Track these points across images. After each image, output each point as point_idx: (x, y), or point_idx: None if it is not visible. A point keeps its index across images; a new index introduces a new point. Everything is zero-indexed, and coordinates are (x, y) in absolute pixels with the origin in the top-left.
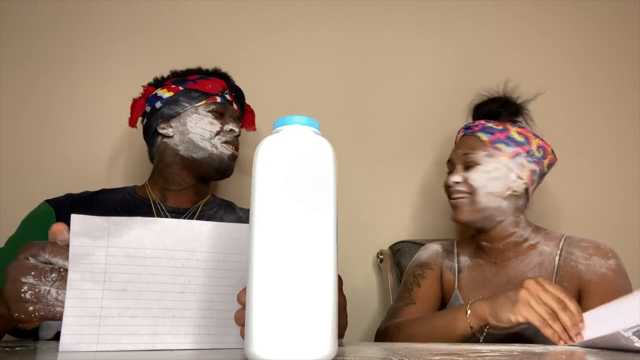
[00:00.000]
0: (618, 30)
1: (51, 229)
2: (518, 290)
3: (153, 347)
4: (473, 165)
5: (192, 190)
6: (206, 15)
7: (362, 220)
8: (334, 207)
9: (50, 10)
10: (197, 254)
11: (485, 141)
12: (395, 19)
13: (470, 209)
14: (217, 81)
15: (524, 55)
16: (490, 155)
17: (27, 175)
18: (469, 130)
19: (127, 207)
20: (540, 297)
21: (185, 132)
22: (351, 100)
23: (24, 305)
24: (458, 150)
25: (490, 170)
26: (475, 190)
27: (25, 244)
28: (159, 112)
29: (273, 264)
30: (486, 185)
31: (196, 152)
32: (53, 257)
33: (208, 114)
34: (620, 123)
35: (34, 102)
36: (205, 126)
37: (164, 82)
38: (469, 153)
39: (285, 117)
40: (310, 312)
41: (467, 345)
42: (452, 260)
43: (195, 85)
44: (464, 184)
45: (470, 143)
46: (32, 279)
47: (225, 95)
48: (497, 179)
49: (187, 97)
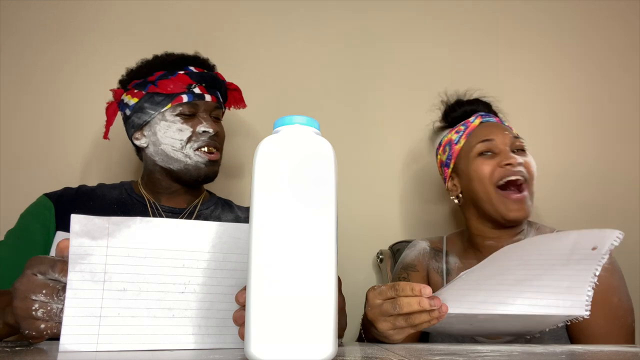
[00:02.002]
0: (611, 28)
1: (58, 245)
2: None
3: (153, 347)
4: (524, 150)
5: (183, 191)
6: (204, 15)
7: (362, 220)
8: (335, 207)
9: (47, 7)
10: (197, 254)
11: (513, 131)
12: (394, 20)
13: (529, 204)
14: (180, 77)
15: (517, 58)
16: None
17: (24, 171)
18: (491, 118)
19: (123, 206)
20: (382, 307)
21: (157, 142)
22: (351, 100)
23: (35, 322)
24: (504, 132)
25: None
26: (533, 177)
27: (32, 258)
28: (130, 121)
29: (273, 264)
30: (535, 174)
31: (172, 164)
32: (63, 276)
33: (176, 119)
34: (618, 118)
35: (31, 98)
36: (174, 135)
37: (128, 84)
38: (519, 137)
39: (285, 117)
40: (311, 312)
41: (467, 346)
42: (440, 261)
43: (156, 88)
44: (524, 167)
45: (509, 129)
46: (43, 297)
47: (193, 90)
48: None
49: (151, 103)
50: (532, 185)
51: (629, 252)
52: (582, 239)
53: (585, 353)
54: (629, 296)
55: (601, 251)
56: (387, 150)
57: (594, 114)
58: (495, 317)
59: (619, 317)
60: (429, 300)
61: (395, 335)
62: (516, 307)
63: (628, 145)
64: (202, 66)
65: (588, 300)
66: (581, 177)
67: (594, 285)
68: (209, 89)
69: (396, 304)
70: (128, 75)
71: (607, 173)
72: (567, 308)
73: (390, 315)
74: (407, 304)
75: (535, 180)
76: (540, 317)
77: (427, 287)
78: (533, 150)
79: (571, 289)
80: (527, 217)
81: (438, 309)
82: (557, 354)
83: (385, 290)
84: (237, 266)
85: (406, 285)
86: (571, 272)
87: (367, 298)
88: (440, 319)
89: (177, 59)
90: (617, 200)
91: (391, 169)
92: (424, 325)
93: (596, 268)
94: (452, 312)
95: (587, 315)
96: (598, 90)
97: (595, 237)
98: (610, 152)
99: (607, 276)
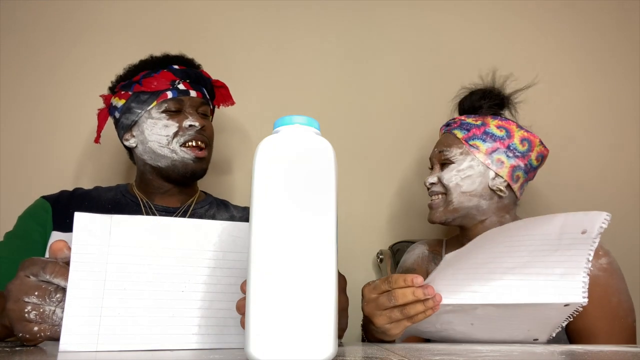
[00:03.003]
0: (615, 21)
1: (51, 246)
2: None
3: (153, 346)
4: (448, 164)
5: (176, 191)
6: (203, 15)
7: (362, 220)
8: (335, 206)
9: (42, 9)
10: (198, 253)
11: (460, 138)
12: (393, 17)
13: (443, 210)
14: (163, 74)
15: (516, 47)
16: (464, 153)
17: (20, 173)
18: (448, 127)
19: (118, 207)
20: (378, 301)
21: (145, 141)
22: (352, 100)
23: (29, 325)
24: (435, 148)
25: (463, 169)
26: (449, 189)
27: (25, 260)
28: (119, 123)
29: (273, 263)
30: (460, 184)
31: (160, 161)
32: (54, 277)
33: (162, 115)
34: (617, 116)
35: (26, 102)
36: (160, 131)
37: (115, 88)
38: (444, 151)
39: (285, 117)
40: (311, 312)
41: (467, 345)
42: (438, 264)
43: (141, 87)
44: (438, 184)
45: (446, 141)
46: (36, 299)
47: (177, 86)
48: (472, 177)
49: (137, 102)
50: (449, 195)
51: (629, 252)
52: (569, 222)
53: (585, 353)
54: (629, 296)
55: (591, 235)
56: (387, 149)
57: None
58: (493, 313)
59: (619, 317)
60: (422, 289)
61: (393, 330)
62: (510, 297)
63: (628, 145)
64: (186, 65)
65: (585, 286)
66: (581, 176)
67: (588, 271)
68: (194, 85)
69: (391, 296)
70: (116, 80)
71: (607, 173)
72: (563, 295)
73: (386, 309)
74: (402, 294)
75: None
76: (540, 313)
77: (419, 276)
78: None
79: (565, 276)
80: (438, 220)
81: (432, 299)
82: (557, 354)
83: (379, 284)
84: (236, 265)
85: (399, 276)
86: (563, 257)
87: (363, 294)
88: (435, 309)
89: (161, 59)
90: (617, 200)
91: (391, 168)
92: (420, 316)
93: (589, 253)
94: (447, 302)
95: (584, 303)
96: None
97: (582, 221)
98: (610, 152)
99: (606, 276)
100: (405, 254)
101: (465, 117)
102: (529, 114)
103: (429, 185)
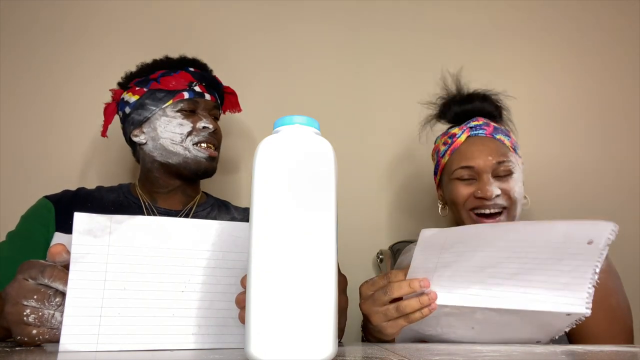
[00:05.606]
0: (609, 23)
1: (50, 250)
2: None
3: (153, 346)
4: (509, 174)
5: (180, 191)
6: (202, 14)
7: (362, 220)
8: (335, 206)
9: (43, 8)
10: (197, 253)
11: (509, 146)
12: (392, 18)
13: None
14: (182, 75)
15: (516, 47)
16: (517, 162)
17: (23, 173)
18: (481, 130)
19: (120, 208)
20: (374, 297)
21: (157, 137)
22: (352, 100)
23: (27, 328)
24: (487, 157)
25: (521, 179)
26: (515, 202)
27: (24, 262)
28: (129, 119)
29: (273, 264)
30: (520, 197)
31: (171, 158)
32: (53, 281)
33: (177, 114)
34: (615, 116)
35: (28, 100)
36: (174, 129)
37: (129, 83)
38: (505, 162)
39: (285, 117)
40: (311, 312)
41: (467, 345)
42: None
43: (158, 84)
44: (503, 196)
45: (496, 148)
46: (35, 302)
47: (194, 88)
48: (522, 188)
49: (152, 99)
50: (513, 209)
51: (629, 252)
52: (574, 231)
53: (585, 353)
54: (626, 297)
55: (599, 246)
56: (387, 149)
57: (593, 108)
58: (494, 317)
59: (618, 318)
60: (418, 280)
61: (389, 329)
62: (512, 302)
63: (628, 144)
64: (201, 69)
65: (589, 297)
66: (581, 175)
67: (594, 283)
68: (209, 89)
69: (387, 289)
70: (128, 76)
71: (607, 172)
72: (567, 305)
73: (383, 306)
74: (398, 286)
75: (520, 198)
76: (542, 319)
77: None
78: (534, 146)
79: (570, 286)
80: None
81: (428, 295)
82: (557, 354)
83: (377, 281)
84: (236, 264)
85: (398, 272)
86: (568, 267)
87: (360, 292)
88: (431, 308)
89: (178, 60)
90: (616, 200)
91: (391, 168)
92: (416, 315)
93: (596, 265)
94: (444, 303)
95: (588, 314)
96: (598, 85)
97: (588, 230)
98: (609, 151)
99: (604, 278)
100: (401, 256)
101: (488, 121)
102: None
103: (493, 197)
